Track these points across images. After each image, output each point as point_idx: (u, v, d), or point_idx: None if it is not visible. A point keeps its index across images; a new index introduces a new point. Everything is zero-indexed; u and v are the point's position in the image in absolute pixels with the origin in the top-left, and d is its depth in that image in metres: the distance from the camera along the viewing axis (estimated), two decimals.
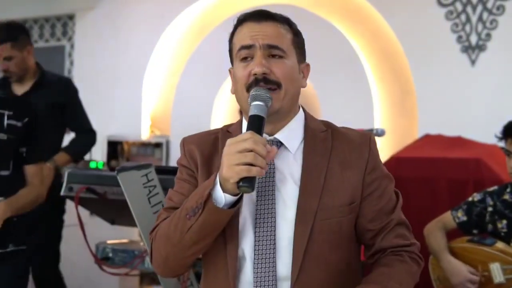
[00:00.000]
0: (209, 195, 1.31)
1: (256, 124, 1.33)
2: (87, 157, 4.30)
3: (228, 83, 4.77)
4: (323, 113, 4.45)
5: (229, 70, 1.53)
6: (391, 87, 4.31)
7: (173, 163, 4.60)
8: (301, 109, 1.54)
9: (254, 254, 1.38)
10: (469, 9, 4.02)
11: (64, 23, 5.78)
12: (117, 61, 5.37)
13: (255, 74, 1.39)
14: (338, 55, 4.41)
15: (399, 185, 3.28)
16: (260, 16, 1.45)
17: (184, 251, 1.39)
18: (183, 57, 5.18)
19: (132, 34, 5.31)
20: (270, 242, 1.38)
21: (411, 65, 4.16)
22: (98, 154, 4.85)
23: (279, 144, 1.46)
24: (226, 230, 1.40)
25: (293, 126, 1.47)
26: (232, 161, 1.26)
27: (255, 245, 1.39)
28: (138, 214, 2.14)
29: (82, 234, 2.71)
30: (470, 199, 2.59)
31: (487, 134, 3.43)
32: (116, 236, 2.97)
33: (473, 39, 3.99)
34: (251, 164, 1.25)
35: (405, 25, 4.18)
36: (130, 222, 2.70)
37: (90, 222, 3.41)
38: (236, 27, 1.49)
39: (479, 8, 4.00)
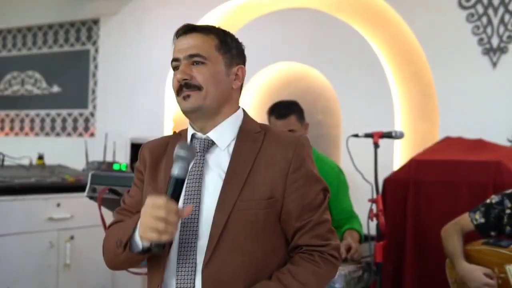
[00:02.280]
0: (129, 239, 1.50)
1: (174, 189, 1.44)
2: (110, 159, 4.39)
3: (249, 84, 4.81)
4: (344, 116, 4.47)
5: None
6: (412, 90, 4.31)
7: None
8: (240, 110, 1.67)
9: (179, 241, 1.52)
10: (490, 11, 4.01)
11: (89, 27, 5.89)
12: (140, 65, 5.45)
13: (179, 81, 1.57)
14: (359, 59, 4.42)
15: (419, 188, 3.32)
16: (186, 30, 1.62)
17: (118, 264, 1.62)
18: None
19: (155, 38, 5.38)
20: (193, 229, 1.52)
21: (431, 68, 4.15)
22: (121, 156, 4.92)
23: (211, 142, 1.60)
24: None
25: (226, 125, 1.62)
26: (147, 224, 1.42)
27: (180, 232, 1.52)
28: None
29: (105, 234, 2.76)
30: (488, 201, 2.60)
31: (508, 137, 3.43)
32: None
33: (495, 41, 3.98)
34: (163, 232, 1.41)
35: (426, 28, 4.18)
36: None
37: None
38: (174, 42, 1.65)
39: (501, 11, 3.98)
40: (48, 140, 6.05)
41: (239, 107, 1.67)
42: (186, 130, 1.68)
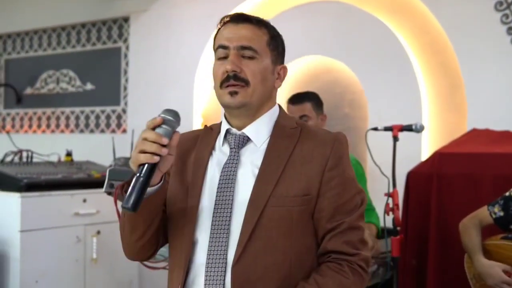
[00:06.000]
0: (124, 187, 1.48)
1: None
2: None
3: None
4: (371, 109, 4.42)
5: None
6: (439, 81, 4.24)
7: None
8: (276, 106, 1.62)
9: (210, 237, 1.48)
10: None
11: (119, 25, 5.97)
12: (169, 61, 5.50)
13: (227, 71, 1.51)
14: (385, 50, 4.36)
15: (442, 181, 3.27)
16: (238, 19, 1.57)
17: (128, 237, 1.57)
18: None
19: (184, 34, 5.43)
20: (224, 227, 1.48)
21: (459, 58, 4.07)
22: None
23: (246, 138, 1.55)
24: (187, 213, 1.53)
25: (262, 122, 1.57)
26: (132, 153, 1.40)
27: (211, 229, 1.49)
28: None
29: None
30: (507, 194, 2.55)
31: None
32: None
33: None
34: (142, 152, 1.37)
35: (453, 18, 4.10)
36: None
37: None
38: (219, 28, 1.60)
39: None
40: (82, 137, 6.18)
41: (275, 103, 1.64)
42: (218, 125, 1.65)
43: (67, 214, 3.48)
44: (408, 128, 2.97)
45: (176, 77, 5.46)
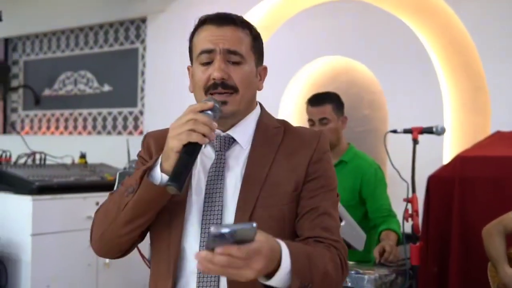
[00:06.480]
0: (146, 172, 1.37)
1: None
2: None
3: (294, 79, 4.72)
4: (391, 111, 4.31)
5: (188, 68, 1.61)
6: (462, 82, 4.11)
7: None
8: (258, 106, 1.57)
9: (200, 245, 1.41)
10: None
11: (137, 26, 5.93)
12: (186, 62, 5.42)
13: (214, 79, 1.44)
14: (406, 50, 4.25)
15: (464, 186, 3.16)
16: (221, 20, 1.50)
17: (118, 228, 1.43)
18: None
19: None
20: None
21: (482, 58, 3.94)
22: None
23: (232, 140, 1.50)
24: (172, 218, 1.44)
25: (246, 122, 1.53)
26: (175, 132, 1.34)
27: (201, 235, 1.41)
28: None
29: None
30: None
31: None
32: None
33: None
34: (193, 131, 1.33)
35: (476, 16, 3.97)
36: None
37: None
38: (196, 28, 1.54)
39: None
40: (99, 138, 6.15)
41: (257, 103, 1.60)
42: None
43: (79, 218, 3.42)
44: (429, 131, 2.86)
45: None
